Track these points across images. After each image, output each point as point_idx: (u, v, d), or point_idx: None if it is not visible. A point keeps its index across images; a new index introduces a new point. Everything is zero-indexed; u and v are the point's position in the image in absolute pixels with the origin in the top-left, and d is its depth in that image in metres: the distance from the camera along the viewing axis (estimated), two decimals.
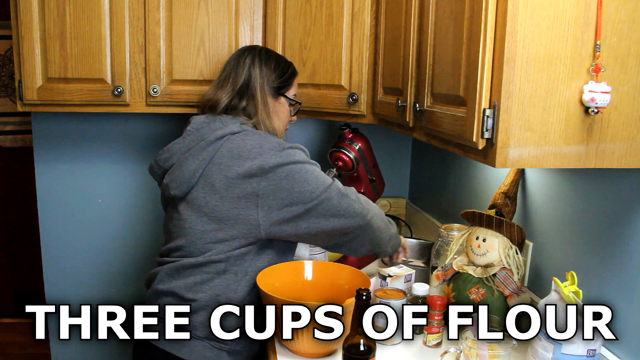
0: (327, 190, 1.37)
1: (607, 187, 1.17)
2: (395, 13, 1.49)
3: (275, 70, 1.56)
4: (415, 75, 1.33)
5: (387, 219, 1.55)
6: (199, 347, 1.37)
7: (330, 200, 1.37)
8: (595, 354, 1.08)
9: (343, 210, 1.37)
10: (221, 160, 1.38)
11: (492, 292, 1.35)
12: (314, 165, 1.41)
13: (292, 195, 1.35)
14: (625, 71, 0.94)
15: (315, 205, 1.36)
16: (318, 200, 1.36)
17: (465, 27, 1.03)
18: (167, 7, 1.82)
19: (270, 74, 1.55)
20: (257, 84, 1.53)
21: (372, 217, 1.42)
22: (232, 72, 1.54)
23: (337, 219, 1.37)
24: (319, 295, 1.41)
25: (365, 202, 1.44)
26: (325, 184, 1.38)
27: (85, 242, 2.33)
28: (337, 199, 1.37)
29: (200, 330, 1.37)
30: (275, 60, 1.58)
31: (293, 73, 1.61)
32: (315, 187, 1.36)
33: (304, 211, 1.35)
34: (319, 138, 2.39)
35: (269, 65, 1.55)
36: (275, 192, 1.34)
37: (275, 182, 1.34)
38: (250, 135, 1.42)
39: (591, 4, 0.92)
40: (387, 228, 1.51)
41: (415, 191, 2.41)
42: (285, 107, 1.60)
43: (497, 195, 1.47)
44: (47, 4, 1.76)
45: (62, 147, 2.26)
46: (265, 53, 1.58)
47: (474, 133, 0.98)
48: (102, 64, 1.81)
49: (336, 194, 1.38)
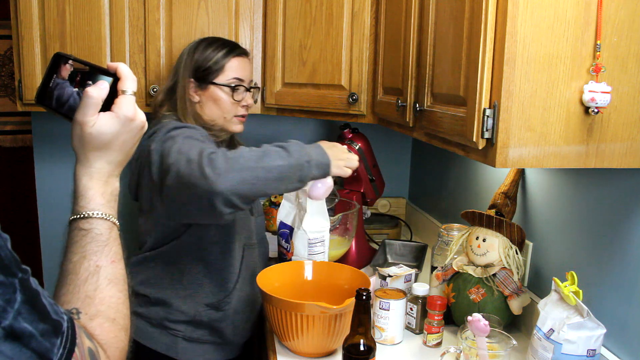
0: (176, 164, 1.20)
1: (607, 187, 1.17)
2: (395, 13, 1.49)
3: (199, 58, 1.51)
4: (415, 75, 1.33)
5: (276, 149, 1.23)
6: (156, 334, 1.45)
7: (177, 177, 1.19)
8: (595, 354, 1.08)
9: (190, 187, 1.17)
10: (143, 156, 1.43)
11: (492, 292, 1.35)
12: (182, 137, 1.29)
13: (160, 174, 1.31)
14: (625, 71, 0.94)
15: (168, 181, 1.23)
16: (169, 177, 1.22)
17: (465, 27, 1.03)
18: (167, 7, 1.82)
19: (194, 63, 1.51)
20: (180, 78, 1.52)
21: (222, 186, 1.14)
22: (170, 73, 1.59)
23: (187, 197, 1.20)
24: (318, 295, 1.41)
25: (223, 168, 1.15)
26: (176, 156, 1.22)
27: None
28: (184, 174, 1.18)
29: (155, 319, 1.44)
30: (203, 47, 1.52)
31: (224, 56, 1.51)
32: (169, 163, 1.24)
33: (164, 189, 1.28)
34: (319, 138, 2.39)
35: (192, 56, 1.52)
36: (156, 174, 1.33)
37: (155, 164, 1.34)
38: (164, 126, 1.43)
39: (591, 4, 0.92)
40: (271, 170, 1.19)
41: (415, 191, 2.41)
42: (221, 94, 1.51)
43: (497, 195, 1.47)
44: (47, 4, 1.76)
45: (62, 147, 2.26)
46: (197, 43, 1.54)
47: (474, 133, 0.98)
48: (102, 64, 1.80)
49: (184, 166, 1.19)
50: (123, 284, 0.74)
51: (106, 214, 0.74)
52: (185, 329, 1.45)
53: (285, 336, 1.28)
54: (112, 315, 0.70)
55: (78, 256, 0.70)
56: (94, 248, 0.71)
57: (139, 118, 0.76)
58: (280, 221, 1.61)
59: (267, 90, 1.92)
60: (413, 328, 1.43)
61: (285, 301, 1.23)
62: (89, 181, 0.74)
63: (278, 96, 1.90)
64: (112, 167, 0.75)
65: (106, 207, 0.74)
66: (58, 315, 0.59)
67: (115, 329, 0.70)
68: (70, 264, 0.70)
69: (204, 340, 1.48)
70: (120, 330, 0.71)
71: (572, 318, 1.08)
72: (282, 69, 1.88)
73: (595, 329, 1.07)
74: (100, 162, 0.74)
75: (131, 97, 0.75)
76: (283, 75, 1.88)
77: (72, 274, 0.70)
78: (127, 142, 0.75)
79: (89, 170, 0.74)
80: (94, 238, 0.72)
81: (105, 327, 0.69)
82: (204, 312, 1.45)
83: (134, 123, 0.75)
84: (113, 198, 0.76)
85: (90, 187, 0.73)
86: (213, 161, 1.16)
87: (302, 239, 1.53)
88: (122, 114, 0.73)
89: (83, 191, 0.73)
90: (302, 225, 1.52)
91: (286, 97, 1.88)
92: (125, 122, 0.74)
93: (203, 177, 1.14)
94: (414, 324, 1.42)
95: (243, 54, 1.56)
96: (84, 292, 0.69)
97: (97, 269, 0.70)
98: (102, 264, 0.71)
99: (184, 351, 1.45)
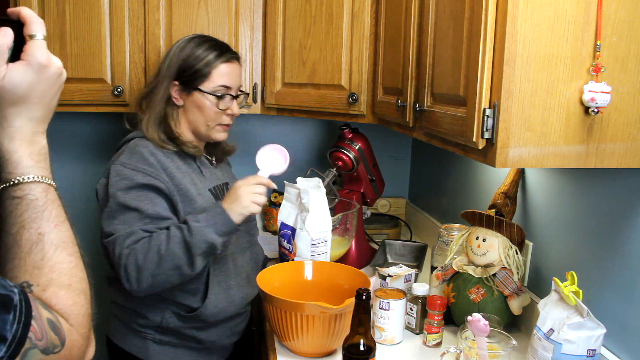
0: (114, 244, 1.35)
1: (607, 187, 1.17)
2: (395, 13, 1.49)
3: (186, 60, 1.42)
4: (415, 75, 1.33)
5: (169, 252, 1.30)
6: (130, 336, 1.45)
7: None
8: (595, 354, 1.08)
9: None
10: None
11: (492, 292, 1.35)
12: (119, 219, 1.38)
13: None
14: (625, 71, 0.94)
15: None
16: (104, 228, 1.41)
17: (465, 27, 1.03)
18: (167, 7, 1.82)
19: (179, 65, 1.43)
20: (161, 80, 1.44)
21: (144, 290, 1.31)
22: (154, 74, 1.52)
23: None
24: (318, 295, 1.41)
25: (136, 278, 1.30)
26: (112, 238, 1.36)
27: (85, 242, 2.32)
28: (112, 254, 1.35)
29: (126, 321, 1.45)
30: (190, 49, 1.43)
31: (211, 62, 1.43)
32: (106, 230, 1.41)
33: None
34: (319, 138, 2.39)
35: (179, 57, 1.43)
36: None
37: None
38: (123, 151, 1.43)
39: (591, 4, 0.92)
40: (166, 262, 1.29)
41: (415, 191, 2.41)
42: (205, 101, 1.43)
43: (497, 195, 1.47)
44: (47, 4, 1.76)
45: (62, 147, 2.26)
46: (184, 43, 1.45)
47: (474, 133, 0.98)
48: (102, 64, 1.81)
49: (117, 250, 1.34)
50: (72, 247, 0.70)
51: (38, 176, 0.67)
52: (154, 333, 1.44)
53: (285, 336, 1.28)
54: (67, 281, 0.66)
55: (17, 227, 0.65)
56: (32, 215, 0.65)
57: (54, 64, 0.68)
58: (281, 222, 1.61)
59: (267, 90, 1.92)
60: (413, 328, 1.43)
61: (285, 301, 1.23)
62: (10, 143, 0.66)
63: (278, 96, 1.90)
64: (34, 123, 0.68)
65: (37, 169, 0.68)
66: (6, 289, 0.55)
67: (72, 295, 0.66)
68: (10, 236, 0.65)
69: (175, 344, 1.45)
70: (79, 295, 0.67)
71: (572, 318, 1.08)
72: (282, 69, 1.88)
73: (595, 329, 1.07)
74: (20, 119, 0.67)
75: (41, 42, 0.68)
76: (283, 75, 1.88)
77: (14, 246, 0.65)
78: (46, 92, 0.68)
79: (9, 130, 0.66)
80: (29, 205, 0.66)
81: (61, 296, 0.65)
82: (171, 320, 1.42)
83: (50, 70, 0.68)
84: (42, 158, 0.70)
85: (14, 149, 0.66)
86: (128, 269, 1.30)
87: (305, 239, 1.53)
88: (35, 60, 0.66)
89: (7, 156, 0.66)
90: (305, 226, 1.52)
91: (286, 97, 1.88)
92: (39, 69, 0.66)
93: (127, 282, 1.31)
94: (414, 324, 1.42)
95: (233, 59, 1.47)
96: (30, 264, 0.64)
97: (40, 236, 0.65)
98: (44, 231, 0.66)
99: (154, 354, 1.43)
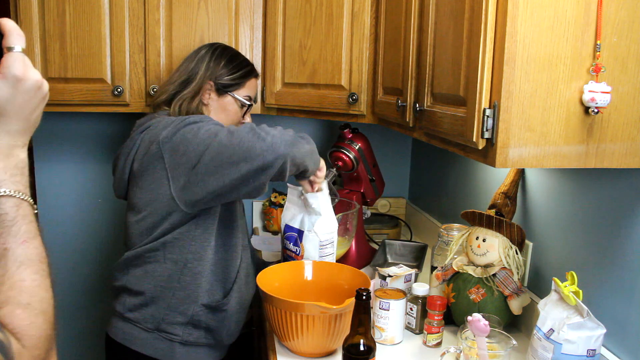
0: (214, 138, 1.28)
1: (607, 187, 1.17)
2: (395, 13, 1.49)
3: (224, 67, 1.55)
4: (415, 75, 1.33)
5: (300, 135, 1.38)
6: (150, 340, 1.42)
7: (222, 147, 1.27)
8: (595, 354, 1.08)
9: (243, 153, 1.25)
10: (139, 151, 1.42)
11: (492, 292, 1.35)
12: (207, 122, 1.35)
13: (190, 156, 1.30)
14: (625, 71, 0.95)
15: (208, 157, 1.28)
16: (209, 151, 1.28)
17: (465, 27, 1.03)
18: (167, 7, 1.82)
19: (218, 69, 1.54)
20: (199, 76, 1.53)
21: (283, 149, 1.26)
22: (181, 67, 1.57)
23: (241, 163, 1.25)
24: (319, 295, 1.41)
25: (273, 134, 1.28)
26: (211, 132, 1.30)
27: (85, 242, 2.33)
28: (228, 144, 1.26)
29: (150, 323, 1.42)
30: (228, 58, 1.57)
31: (247, 74, 1.59)
32: (202, 140, 1.30)
33: (203, 167, 1.29)
34: (319, 138, 2.39)
35: (218, 62, 1.55)
36: (177, 161, 1.32)
37: (173, 150, 1.33)
38: (162, 119, 1.42)
39: (591, 4, 0.92)
40: (304, 147, 1.36)
41: (415, 191, 2.41)
42: (233, 106, 1.58)
43: (497, 195, 1.47)
44: (47, 4, 1.76)
45: (62, 147, 2.26)
46: (221, 50, 1.58)
47: (474, 133, 0.98)
48: (102, 64, 1.81)
49: (226, 138, 1.27)
50: (38, 265, 0.68)
51: (11, 190, 0.66)
52: (182, 332, 1.42)
53: (285, 336, 1.28)
54: (25, 300, 0.64)
55: None
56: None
57: (32, 77, 0.67)
58: (285, 224, 1.59)
59: (267, 90, 1.92)
60: (413, 328, 1.43)
61: (285, 301, 1.23)
62: None
63: (278, 96, 1.90)
64: (12, 137, 0.67)
65: (10, 183, 0.67)
66: None
67: (29, 315, 0.64)
68: None
69: (200, 343, 1.46)
70: (38, 316, 0.65)
71: (572, 318, 1.08)
72: (282, 69, 1.88)
73: (595, 329, 1.07)
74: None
75: (19, 55, 0.66)
76: (283, 75, 1.88)
77: None
78: (24, 106, 0.67)
79: None
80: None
81: (17, 314, 0.63)
82: (202, 313, 1.43)
83: (27, 83, 0.66)
84: (19, 172, 0.68)
85: None
86: (258, 131, 1.27)
87: (313, 241, 1.52)
88: (10, 74, 0.65)
89: None
90: (313, 227, 1.52)
91: (286, 97, 1.88)
92: (15, 82, 0.65)
93: (258, 139, 1.25)
94: (414, 324, 1.42)
95: (258, 76, 1.66)
96: None
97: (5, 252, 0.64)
98: (10, 246, 0.65)
99: (180, 356, 1.43)
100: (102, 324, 2.39)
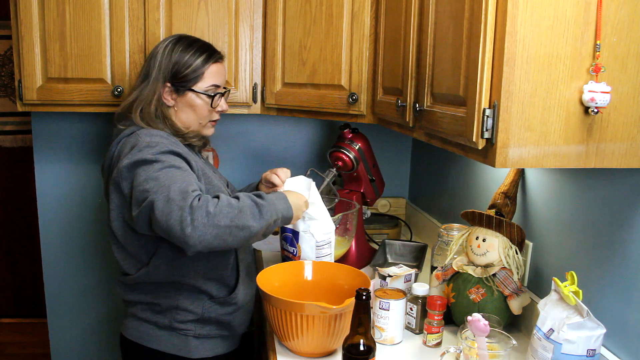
0: (154, 198, 1.19)
1: (607, 187, 1.17)
2: (395, 13, 1.49)
3: (177, 63, 1.45)
4: (415, 75, 1.33)
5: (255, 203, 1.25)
6: (165, 336, 1.44)
7: (152, 212, 1.19)
8: (595, 354, 1.08)
9: (165, 229, 1.17)
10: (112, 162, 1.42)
11: (492, 292, 1.35)
12: (161, 166, 1.27)
13: (136, 197, 1.25)
14: (625, 71, 0.95)
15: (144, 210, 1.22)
16: (145, 206, 1.21)
17: (465, 27, 1.03)
18: (167, 7, 1.82)
19: (171, 66, 1.45)
20: (152, 77, 1.45)
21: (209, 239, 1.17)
22: (142, 69, 1.53)
23: (165, 233, 1.18)
24: (318, 295, 1.41)
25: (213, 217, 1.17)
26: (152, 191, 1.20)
27: (85, 242, 2.32)
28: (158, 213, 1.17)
29: (163, 321, 1.43)
30: (180, 51, 1.46)
31: (203, 63, 1.47)
32: (145, 190, 1.22)
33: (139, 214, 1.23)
34: (319, 138, 2.39)
35: (169, 59, 1.45)
36: (132, 193, 1.28)
37: (128, 183, 1.30)
38: (128, 141, 1.39)
39: (591, 4, 0.92)
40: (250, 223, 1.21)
41: (415, 191, 2.41)
42: (198, 100, 1.48)
43: (497, 195, 1.47)
44: (47, 4, 1.76)
45: (62, 147, 2.26)
46: (173, 43, 1.48)
47: (474, 133, 0.98)
48: (102, 64, 1.81)
49: (160, 205, 1.17)
50: None
51: None
52: (195, 327, 1.44)
53: (285, 336, 1.28)
54: None
55: None
56: None
57: None
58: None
59: (267, 90, 1.92)
60: (413, 328, 1.43)
61: (285, 301, 1.23)
62: None
63: (278, 96, 1.90)
64: None
65: None
66: None
67: None
68: None
69: (213, 335, 1.47)
70: None
71: (572, 318, 1.08)
72: (282, 69, 1.88)
73: (595, 329, 1.07)
74: None
75: None
76: (283, 75, 1.88)
77: None
78: None
79: None
80: None
81: None
82: (212, 310, 1.45)
83: None
84: None
85: None
86: (194, 213, 1.15)
87: (309, 242, 1.53)
88: None
89: None
90: (309, 228, 1.52)
91: (286, 97, 1.88)
92: None
93: (180, 227, 1.15)
94: (414, 324, 1.42)
95: (220, 59, 1.54)
96: None
97: None
98: None
99: (195, 349, 1.45)
100: (102, 323, 2.40)
